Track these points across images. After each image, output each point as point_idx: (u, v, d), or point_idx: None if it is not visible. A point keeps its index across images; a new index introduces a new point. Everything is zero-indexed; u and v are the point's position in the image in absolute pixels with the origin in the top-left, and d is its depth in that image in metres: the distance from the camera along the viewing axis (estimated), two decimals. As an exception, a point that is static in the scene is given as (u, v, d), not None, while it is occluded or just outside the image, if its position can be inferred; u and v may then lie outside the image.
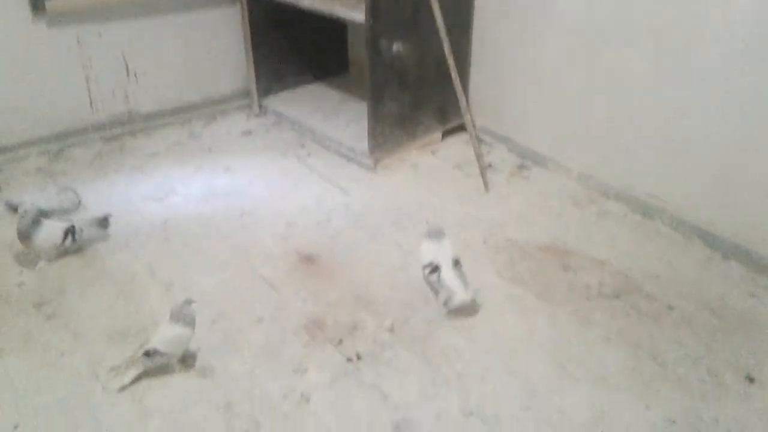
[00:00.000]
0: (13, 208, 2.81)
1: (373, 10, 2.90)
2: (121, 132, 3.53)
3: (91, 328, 2.20)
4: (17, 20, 3.09)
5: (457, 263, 2.25)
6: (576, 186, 3.05)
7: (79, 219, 2.65)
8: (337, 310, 2.29)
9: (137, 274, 2.47)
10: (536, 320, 2.25)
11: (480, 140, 3.39)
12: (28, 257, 2.53)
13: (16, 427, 1.83)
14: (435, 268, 2.24)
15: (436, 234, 2.31)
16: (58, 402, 1.92)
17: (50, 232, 2.48)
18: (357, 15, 3.00)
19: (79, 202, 2.90)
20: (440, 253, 2.27)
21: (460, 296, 2.21)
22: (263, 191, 3.05)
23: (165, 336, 1.98)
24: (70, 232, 2.50)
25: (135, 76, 3.52)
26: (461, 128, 3.56)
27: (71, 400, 1.92)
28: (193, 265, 2.53)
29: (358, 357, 2.08)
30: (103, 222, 2.68)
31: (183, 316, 1.99)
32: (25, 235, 2.44)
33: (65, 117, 3.37)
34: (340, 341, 2.15)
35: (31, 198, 2.87)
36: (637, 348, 2.13)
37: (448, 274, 2.23)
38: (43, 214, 2.77)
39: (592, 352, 2.11)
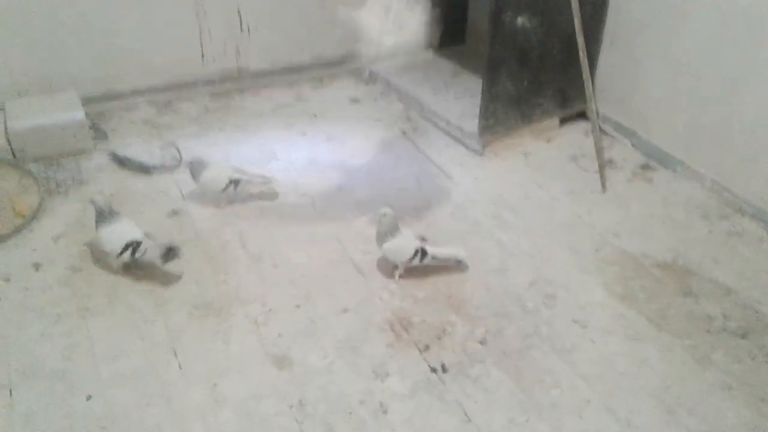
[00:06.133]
0: (120, 161, 2.84)
1: (502, -21, 2.66)
2: (229, 88, 3.48)
3: (176, 296, 2.17)
4: (137, -36, 3.06)
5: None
6: (707, 196, 2.71)
7: (149, 242, 2.22)
8: (426, 310, 2.15)
9: (228, 243, 2.42)
10: (646, 350, 2.01)
11: (602, 131, 3.08)
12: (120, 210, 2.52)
13: (89, 398, 1.82)
14: (423, 252, 2.23)
15: (391, 228, 2.21)
16: (132, 373, 1.90)
17: (113, 233, 2.19)
18: (483, -16, 2.76)
19: (181, 159, 2.88)
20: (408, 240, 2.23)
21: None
22: (363, 166, 2.92)
23: None
24: (132, 246, 2.17)
25: (248, 31, 3.43)
26: (582, 115, 3.27)
27: (146, 374, 1.89)
28: (285, 239, 2.45)
29: (444, 369, 1.93)
30: (168, 253, 2.20)
31: None
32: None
33: (176, 68, 3.35)
34: (427, 347, 2.00)
35: (135, 151, 2.89)
36: (762, 401, 1.85)
37: (434, 249, 2.26)
38: (144, 169, 2.79)
39: (708, 398, 1.86)
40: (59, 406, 1.79)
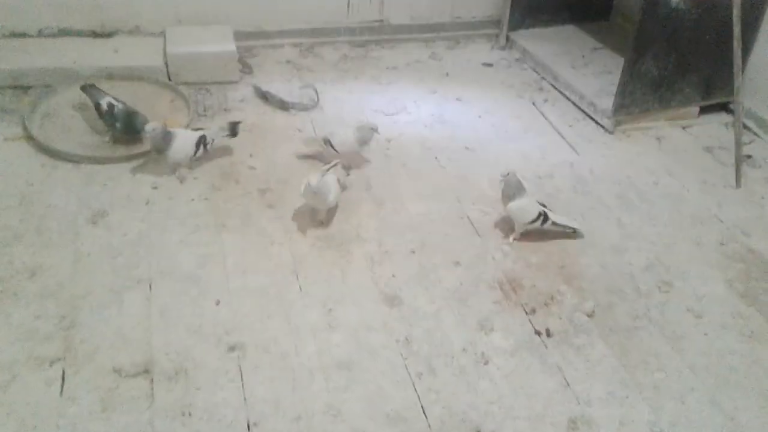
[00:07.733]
0: (262, 95, 3.00)
1: (663, -45, 2.56)
2: (368, 39, 3.58)
3: (302, 227, 2.30)
4: None
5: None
6: None
7: (211, 131, 2.53)
8: (537, 275, 2.18)
9: (353, 184, 2.53)
10: (762, 352, 1.96)
11: (745, 126, 2.93)
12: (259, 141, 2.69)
13: (217, 303, 1.99)
14: (545, 216, 2.26)
15: (517, 189, 2.25)
16: (257, 288, 2.05)
17: (183, 143, 2.43)
18: (643, -42, 2.67)
19: (317, 100, 3.01)
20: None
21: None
22: (490, 129, 2.94)
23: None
24: (202, 142, 2.45)
25: (394, -15, 3.51)
26: (724, 107, 3.13)
27: (269, 290, 2.05)
28: (406, 188, 2.53)
29: (548, 333, 1.96)
30: (233, 128, 2.56)
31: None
32: (159, 150, 2.41)
33: (322, 16, 3.47)
34: (533, 310, 2.04)
35: (277, 88, 3.05)
36: None
37: (555, 216, 2.29)
38: (283, 106, 2.94)
39: (822, 409, 1.80)
40: (191, 306, 1.97)
